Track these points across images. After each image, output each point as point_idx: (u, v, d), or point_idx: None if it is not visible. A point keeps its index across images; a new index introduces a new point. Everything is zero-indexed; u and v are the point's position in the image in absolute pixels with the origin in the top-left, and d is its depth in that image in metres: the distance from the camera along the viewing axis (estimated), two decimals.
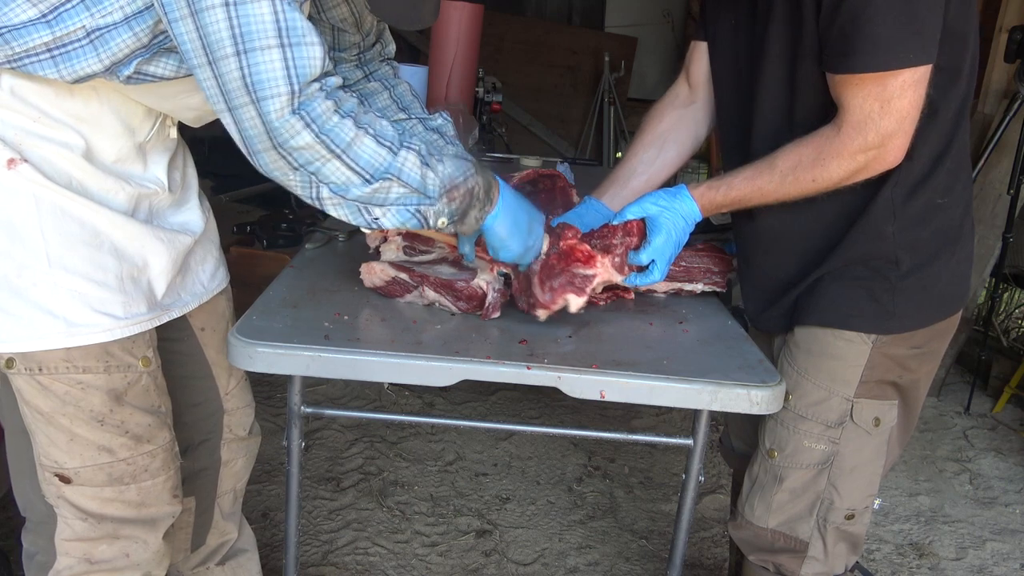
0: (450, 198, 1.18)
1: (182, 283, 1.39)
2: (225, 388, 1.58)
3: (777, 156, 1.32)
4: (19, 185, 1.15)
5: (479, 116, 3.40)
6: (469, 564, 2.26)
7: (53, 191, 1.17)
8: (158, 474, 1.34)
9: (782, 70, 1.33)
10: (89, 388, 1.23)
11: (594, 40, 6.47)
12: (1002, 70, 3.54)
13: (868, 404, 1.39)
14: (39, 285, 1.16)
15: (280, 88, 1.02)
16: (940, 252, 1.36)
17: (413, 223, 1.18)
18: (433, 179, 1.16)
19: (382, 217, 1.15)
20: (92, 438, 1.25)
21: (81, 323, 1.19)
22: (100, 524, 1.29)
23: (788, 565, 1.47)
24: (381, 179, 1.12)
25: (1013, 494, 2.91)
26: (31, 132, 1.16)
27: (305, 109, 1.04)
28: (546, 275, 1.37)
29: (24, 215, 1.15)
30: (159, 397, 1.35)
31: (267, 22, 1.00)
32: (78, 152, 1.20)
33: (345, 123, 1.08)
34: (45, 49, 1.10)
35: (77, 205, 1.19)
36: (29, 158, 1.15)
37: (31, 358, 1.18)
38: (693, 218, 1.42)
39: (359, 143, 1.09)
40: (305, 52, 1.03)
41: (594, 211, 1.61)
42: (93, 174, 1.21)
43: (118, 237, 1.23)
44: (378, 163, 1.11)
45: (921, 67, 1.19)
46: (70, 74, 1.13)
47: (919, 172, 1.32)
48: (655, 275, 1.44)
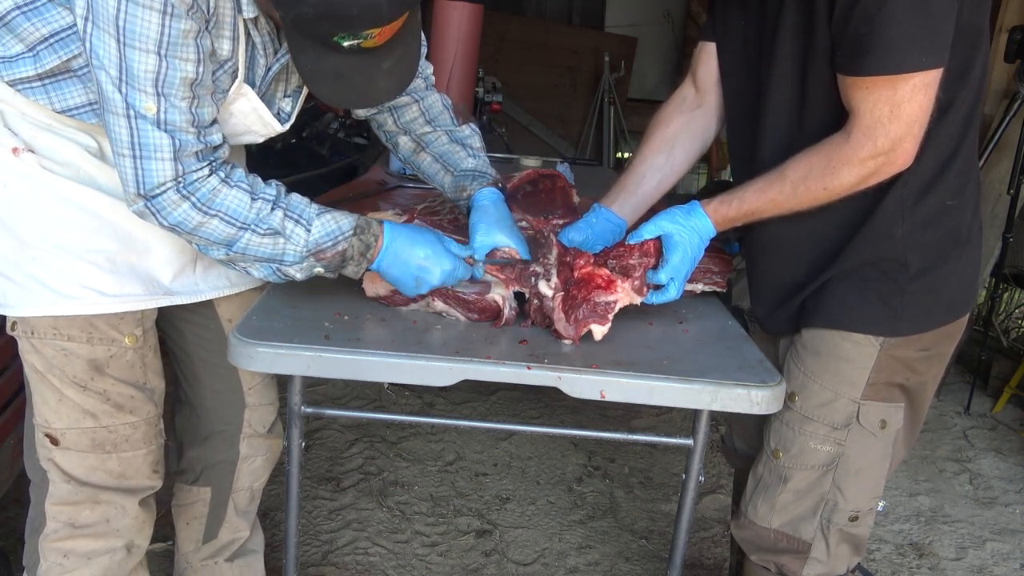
0: (318, 258, 1.30)
1: (203, 273, 1.47)
2: (249, 383, 1.62)
3: (787, 167, 1.30)
4: (22, 169, 1.28)
5: (479, 116, 3.40)
6: (469, 564, 2.26)
7: (55, 177, 1.29)
8: (139, 446, 1.43)
9: (792, 70, 1.31)
10: (71, 355, 1.34)
11: (594, 40, 6.47)
12: (1002, 70, 3.54)
13: (875, 406, 1.39)
14: (37, 259, 1.30)
15: (130, 188, 1.19)
16: (949, 255, 1.36)
17: (275, 278, 1.32)
18: (292, 248, 1.28)
19: (253, 271, 1.31)
20: (77, 400, 1.36)
21: (68, 295, 1.31)
22: (82, 488, 1.40)
23: (790, 565, 1.47)
24: (235, 252, 1.27)
25: (1013, 494, 2.91)
26: (44, 126, 1.28)
27: (152, 204, 1.20)
28: (568, 307, 1.35)
29: (27, 197, 1.29)
30: (147, 375, 1.43)
31: (123, 130, 1.15)
32: (89, 149, 1.31)
33: (191, 212, 1.21)
34: (37, 79, 1.24)
35: (77, 191, 1.30)
36: (37, 148, 1.28)
37: (27, 322, 1.33)
38: (708, 234, 1.40)
39: (206, 226, 1.23)
40: (152, 165, 1.17)
41: (604, 220, 1.57)
42: (103, 169, 1.31)
43: (121, 223, 1.33)
44: (227, 239, 1.25)
45: (932, 71, 1.18)
46: (60, 103, 1.26)
47: (930, 173, 1.31)
48: (672, 293, 1.41)
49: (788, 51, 1.31)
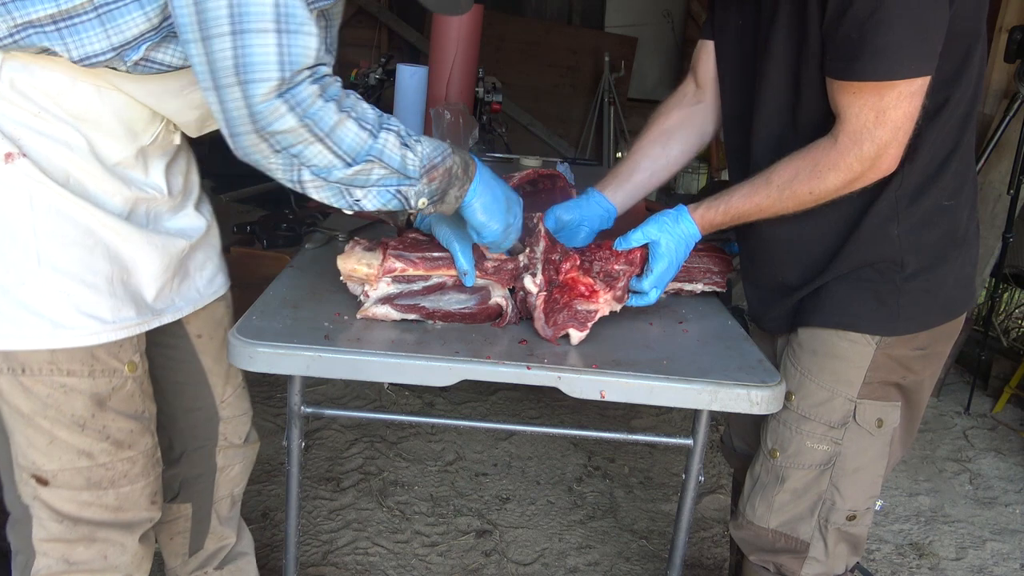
0: (430, 178, 1.18)
1: (178, 288, 1.37)
2: (221, 396, 1.56)
3: (773, 171, 1.31)
4: (15, 180, 1.13)
5: (479, 116, 3.39)
6: (469, 564, 2.26)
7: (49, 189, 1.15)
8: (137, 480, 1.32)
9: (785, 72, 1.32)
10: (72, 391, 1.21)
11: (594, 40, 6.48)
12: (1002, 70, 3.54)
13: (871, 405, 1.39)
14: (27, 284, 1.14)
15: (270, 73, 1.01)
16: (946, 255, 1.36)
17: (394, 204, 1.17)
18: (413, 159, 1.15)
19: (363, 199, 1.15)
20: (72, 442, 1.23)
21: (67, 325, 1.17)
22: (76, 526, 1.28)
23: (789, 565, 1.47)
24: (363, 161, 1.11)
25: (1013, 494, 2.91)
26: (31, 127, 1.14)
27: (291, 94, 1.03)
28: (549, 308, 1.36)
29: (17, 211, 1.13)
30: (143, 402, 1.32)
31: (267, 5, 0.99)
32: (78, 152, 1.18)
33: (329, 107, 1.06)
34: (51, 21, 1.07)
35: (72, 205, 1.17)
36: (28, 153, 1.14)
37: (14, 358, 1.17)
38: (694, 240, 1.42)
39: (342, 127, 1.08)
40: (300, 41, 1.02)
41: (595, 203, 1.60)
42: (92, 175, 1.20)
43: (111, 239, 1.22)
44: (360, 146, 1.10)
45: (919, 79, 1.18)
46: (77, 50, 1.10)
47: (925, 174, 1.31)
48: (651, 298, 1.43)
49: (781, 52, 1.31)
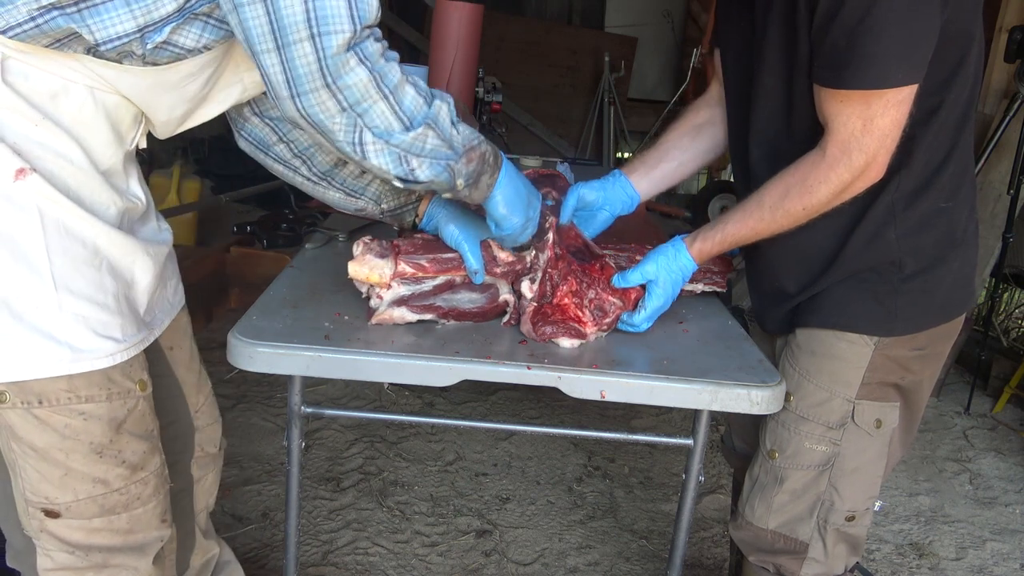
0: (468, 159, 1.18)
1: (158, 300, 1.35)
2: (195, 406, 1.55)
3: (764, 192, 1.32)
4: (25, 199, 1.09)
5: (479, 116, 3.39)
6: (469, 564, 2.26)
7: (58, 205, 1.11)
8: (149, 501, 1.31)
9: (778, 80, 1.32)
10: (91, 418, 1.17)
11: (594, 40, 6.48)
12: (1002, 70, 3.54)
13: (870, 406, 1.39)
14: (41, 308, 1.10)
15: (343, 25, 1.01)
16: (945, 256, 1.36)
17: (444, 177, 1.17)
18: (458, 136, 1.16)
19: (418, 168, 1.14)
20: (87, 471, 1.20)
21: (86, 349, 1.13)
22: (88, 555, 1.25)
23: (788, 566, 1.47)
24: (420, 126, 1.11)
25: (1013, 494, 2.91)
26: (36, 140, 1.11)
27: (360, 48, 1.04)
28: (537, 319, 1.37)
29: (29, 232, 1.09)
30: (153, 421, 1.31)
31: None
32: (77, 164, 1.15)
33: (392, 65, 1.08)
34: (74, 2, 1.04)
35: (78, 220, 1.14)
36: (37, 167, 1.10)
37: (29, 389, 1.12)
38: (689, 272, 1.44)
39: (404, 87, 1.09)
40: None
41: (620, 187, 1.63)
42: (90, 187, 1.17)
43: (113, 254, 1.19)
44: (417, 110, 1.11)
45: (906, 87, 1.18)
46: (101, 32, 1.06)
47: (922, 177, 1.31)
48: (641, 329, 1.44)
49: (774, 61, 1.31)
